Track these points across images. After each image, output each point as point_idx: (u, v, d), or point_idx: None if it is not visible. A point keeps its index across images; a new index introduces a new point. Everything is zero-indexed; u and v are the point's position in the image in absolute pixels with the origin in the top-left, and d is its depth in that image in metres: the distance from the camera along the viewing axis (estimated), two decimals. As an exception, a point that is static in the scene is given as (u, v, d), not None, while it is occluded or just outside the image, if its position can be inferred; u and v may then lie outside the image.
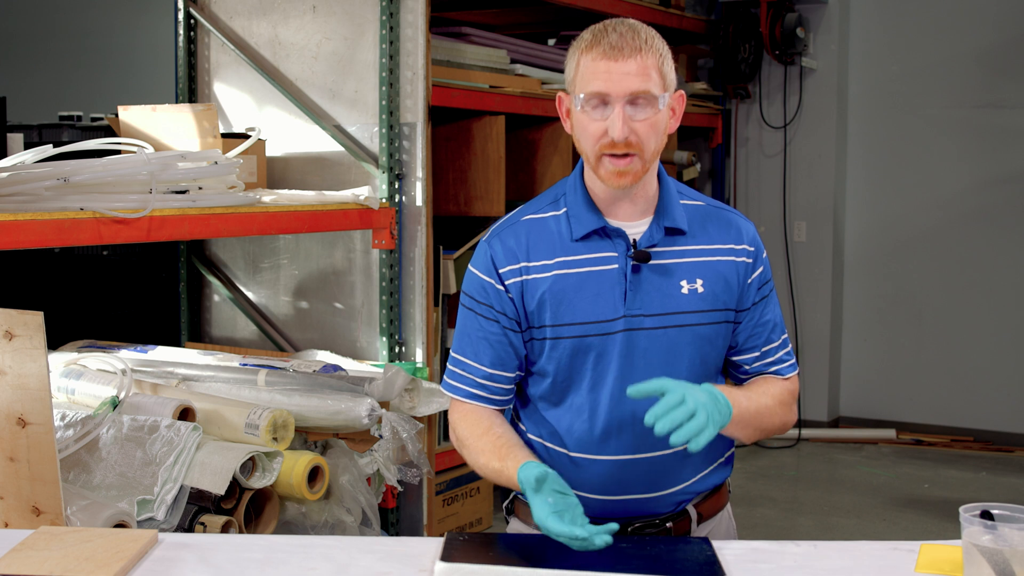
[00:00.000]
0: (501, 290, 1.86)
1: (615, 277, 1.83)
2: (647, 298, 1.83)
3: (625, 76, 1.74)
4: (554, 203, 1.90)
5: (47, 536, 1.77)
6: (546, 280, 1.84)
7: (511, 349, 1.88)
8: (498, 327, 1.88)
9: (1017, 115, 5.91)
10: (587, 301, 1.83)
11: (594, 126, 1.78)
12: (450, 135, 4.44)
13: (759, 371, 1.96)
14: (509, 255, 1.86)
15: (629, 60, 1.74)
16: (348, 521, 3.02)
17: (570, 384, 1.87)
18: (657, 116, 1.78)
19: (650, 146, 1.78)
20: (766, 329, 1.94)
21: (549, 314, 1.84)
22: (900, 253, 6.24)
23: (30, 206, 2.68)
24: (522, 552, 1.75)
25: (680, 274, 1.85)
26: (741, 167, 6.42)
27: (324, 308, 4.03)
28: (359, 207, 3.58)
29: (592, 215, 1.85)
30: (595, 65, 1.76)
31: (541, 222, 1.89)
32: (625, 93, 1.75)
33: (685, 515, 1.95)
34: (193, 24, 4.24)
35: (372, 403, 3.07)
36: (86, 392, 3.05)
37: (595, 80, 1.76)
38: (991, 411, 6.04)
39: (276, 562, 1.72)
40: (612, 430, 1.85)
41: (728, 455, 2.02)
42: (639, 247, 1.84)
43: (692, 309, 1.85)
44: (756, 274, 1.91)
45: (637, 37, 1.76)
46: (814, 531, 4.63)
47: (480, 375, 1.90)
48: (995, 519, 1.54)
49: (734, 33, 6.02)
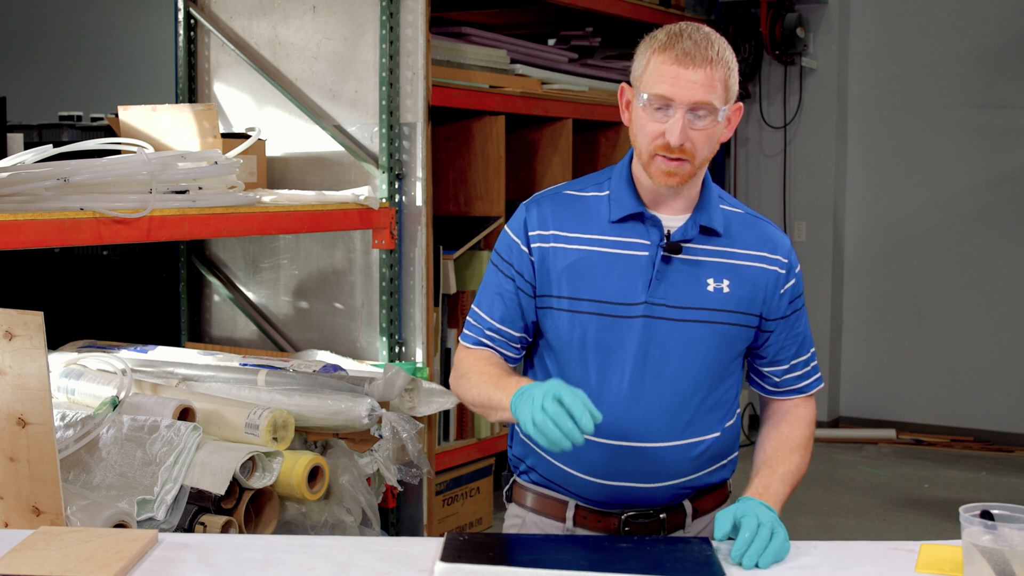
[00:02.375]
0: (525, 252, 1.92)
1: (644, 264, 1.86)
2: (672, 289, 1.86)
3: (692, 85, 1.77)
4: (598, 185, 1.95)
5: (47, 536, 1.77)
6: (575, 252, 1.89)
7: (519, 309, 1.94)
8: (512, 285, 1.93)
9: (1017, 115, 5.91)
10: (611, 281, 1.86)
11: (653, 126, 1.81)
12: (450, 135, 4.44)
13: (787, 384, 2.00)
14: (543, 220, 1.92)
15: (699, 70, 1.77)
16: (348, 521, 3.02)
17: (582, 362, 1.89)
18: (715, 127, 1.81)
19: (702, 153, 1.82)
20: (796, 342, 1.97)
21: (570, 285, 1.88)
22: (900, 253, 6.24)
23: (30, 206, 2.68)
24: (522, 552, 1.75)
25: (708, 272, 1.88)
26: (741, 167, 6.42)
27: (324, 308, 4.03)
28: (359, 207, 3.58)
29: (633, 200, 1.89)
30: (664, 68, 1.79)
31: (582, 199, 1.94)
32: (689, 101, 1.78)
33: (680, 509, 1.96)
34: (193, 24, 4.23)
35: (372, 403, 3.07)
36: (86, 392, 3.05)
37: (662, 83, 1.78)
38: (991, 411, 6.04)
39: (276, 562, 1.72)
40: (618, 415, 1.86)
41: (732, 457, 2.03)
42: (672, 239, 1.87)
43: (716, 307, 1.87)
44: (788, 286, 1.94)
45: (711, 48, 1.79)
46: (814, 531, 4.63)
47: (488, 327, 1.96)
48: (995, 519, 1.54)
49: (734, 33, 6.02)
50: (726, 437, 1.96)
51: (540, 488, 1.99)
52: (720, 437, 1.94)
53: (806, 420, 2.00)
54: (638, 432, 1.87)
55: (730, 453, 2.01)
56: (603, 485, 1.91)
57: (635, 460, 1.88)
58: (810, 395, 2.03)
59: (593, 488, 1.91)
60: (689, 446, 1.90)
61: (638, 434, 1.87)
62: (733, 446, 2.01)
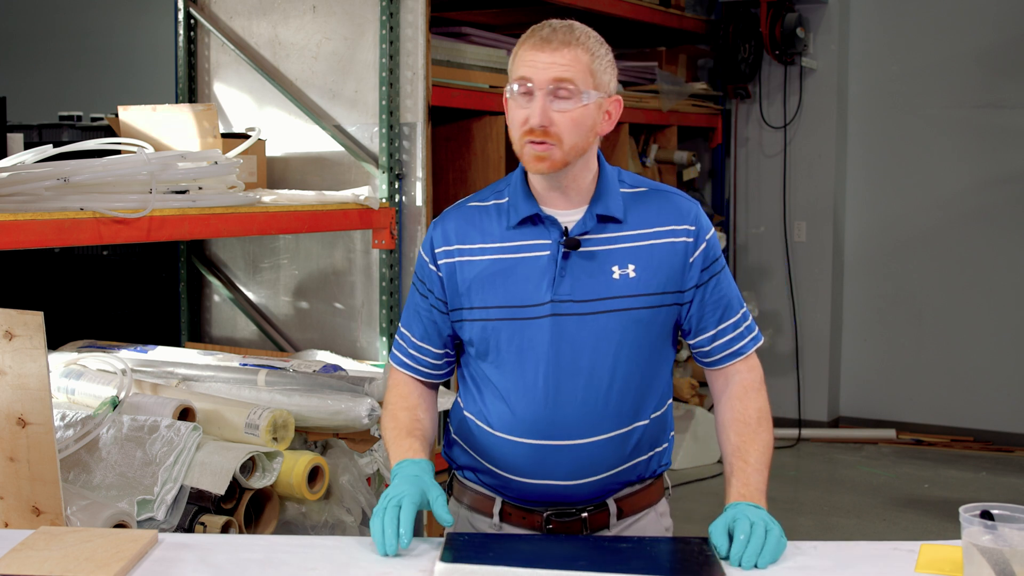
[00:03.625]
0: (433, 270, 1.96)
1: (546, 263, 1.88)
2: (577, 284, 1.86)
3: (550, 65, 1.80)
4: (498, 193, 1.97)
5: (47, 536, 1.77)
6: (480, 263, 1.91)
7: (435, 327, 1.99)
8: (426, 303, 1.98)
9: (1017, 115, 5.91)
10: (516, 285, 1.88)
11: (518, 112, 1.83)
12: (450, 135, 4.44)
13: (720, 351, 1.94)
14: (447, 236, 1.95)
15: (556, 52, 1.80)
16: (348, 521, 3.02)
17: (497, 366, 1.91)
18: (581, 110, 1.82)
19: (570, 138, 1.82)
20: (719, 308, 1.93)
21: (479, 296, 1.90)
22: (900, 253, 6.24)
23: (30, 206, 2.68)
24: (522, 552, 1.75)
25: (611, 260, 1.87)
26: (741, 167, 6.42)
27: (324, 308, 4.03)
28: (359, 207, 3.58)
29: (528, 203, 1.91)
30: (525, 54, 1.83)
31: (483, 209, 1.96)
32: (548, 80, 1.80)
33: (604, 508, 1.94)
34: (193, 24, 4.24)
35: (372, 403, 3.07)
36: (86, 392, 3.05)
37: (523, 67, 1.82)
38: (991, 411, 6.04)
39: (276, 562, 1.72)
40: (536, 415, 1.87)
41: (662, 448, 1.99)
42: (571, 235, 1.87)
43: (623, 294, 1.87)
44: (698, 252, 1.90)
45: (570, 33, 1.82)
46: (814, 531, 4.63)
47: (411, 346, 2.02)
48: (995, 519, 1.54)
49: (734, 33, 6.02)
50: (655, 424, 1.94)
51: (473, 484, 2.01)
52: (648, 425, 1.92)
53: (754, 386, 1.95)
54: (558, 431, 1.87)
55: (659, 443, 1.97)
56: (524, 483, 1.91)
57: (556, 458, 1.88)
58: (749, 356, 1.96)
59: (516, 485, 1.92)
60: (613, 439, 1.88)
61: (559, 432, 1.87)
62: (662, 436, 1.97)
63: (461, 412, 2.00)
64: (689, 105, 5.99)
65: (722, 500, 1.86)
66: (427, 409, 2.03)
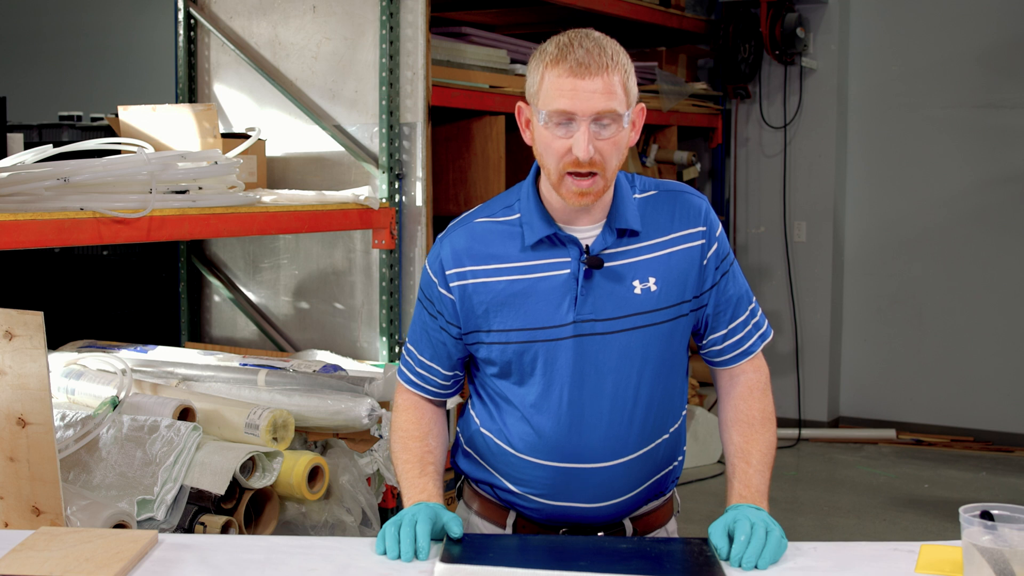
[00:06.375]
0: (443, 292, 1.88)
1: (567, 283, 1.82)
2: (599, 303, 1.81)
3: (592, 95, 1.70)
4: (508, 208, 1.89)
5: (47, 536, 1.77)
6: (497, 285, 1.84)
7: (444, 348, 1.92)
8: (435, 324, 1.92)
9: (1017, 115, 5.91)
10: (536, 306, 1.82)
11: (558, 143, 1.74)
12: (450, 135, 4.44)
13: (730, 350, 1.93)
14: (458, 258, 1.86)
15: (596, 78, 1.70)
16: (348, 521, 3.02)
17: (520, 387, 1.86)
18: (621, 134, 1.76)
19: (612, 164, 1.76)
20: (731, 305, 1.91)
21: (497, 319, 1.84)
22: (900, 253, 6.24)
23: (30, 206, 2.68)
24: (522, 552, 1.75)
25: (633, 274, 1.83)
26: (741, 167, 6.42)
27: (324, 308, 4.03)
28: (359, 207, 3.58)
29: (544, 223, 1.83)
30: (560, 82, 1.72)
31: (494, 226, 1.87)
32: (591, 112, 1.71)
33: (620, 527, 1.93)
34: (193, 24, 4.24)
35: (372, 403, 3.07)
36: (86, 392, 3.05)
37: (560, 98, 1.72)
38: (991, 411, 6.04)
39: (276, 563, 1.72)
40: (560, 438, 1.84)
41: (678, 462, 1.99)
42: (592, 252, 1.82)
43: (646, 309, 1.82)
44: (712, 251, 1.87)
45: (603, 54, 1.72)
46: (814, 531, 4.63)
47: (419, 365, 1.97)
48: (995, 519, 1.54)
49: (734, 33, 6.02)
50: (674, 437, 1.93)
51: (485, 495, 1.98)
52: (668, 439, 1.91)
53: (759, 387, 1.93)
54: (584, 454, 1.84)
55: (676, 455, 1.97)
56: (544, 504, 1.89)
57: (580, 481, 1.85)
58: (757, 356, 1.95)
59: (535, 506, 1.89)
60: (637, 460, 1.86)
61: (584, 455, 1.84)
62: (678, 448, 1.97)
63: (476, 427, 1.95)
64: (689, 105, 5.99)
65: (722, 500, 1.86)
66: (438, 436, 1.97)
